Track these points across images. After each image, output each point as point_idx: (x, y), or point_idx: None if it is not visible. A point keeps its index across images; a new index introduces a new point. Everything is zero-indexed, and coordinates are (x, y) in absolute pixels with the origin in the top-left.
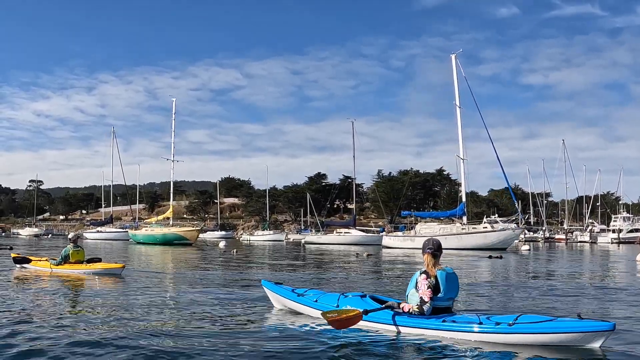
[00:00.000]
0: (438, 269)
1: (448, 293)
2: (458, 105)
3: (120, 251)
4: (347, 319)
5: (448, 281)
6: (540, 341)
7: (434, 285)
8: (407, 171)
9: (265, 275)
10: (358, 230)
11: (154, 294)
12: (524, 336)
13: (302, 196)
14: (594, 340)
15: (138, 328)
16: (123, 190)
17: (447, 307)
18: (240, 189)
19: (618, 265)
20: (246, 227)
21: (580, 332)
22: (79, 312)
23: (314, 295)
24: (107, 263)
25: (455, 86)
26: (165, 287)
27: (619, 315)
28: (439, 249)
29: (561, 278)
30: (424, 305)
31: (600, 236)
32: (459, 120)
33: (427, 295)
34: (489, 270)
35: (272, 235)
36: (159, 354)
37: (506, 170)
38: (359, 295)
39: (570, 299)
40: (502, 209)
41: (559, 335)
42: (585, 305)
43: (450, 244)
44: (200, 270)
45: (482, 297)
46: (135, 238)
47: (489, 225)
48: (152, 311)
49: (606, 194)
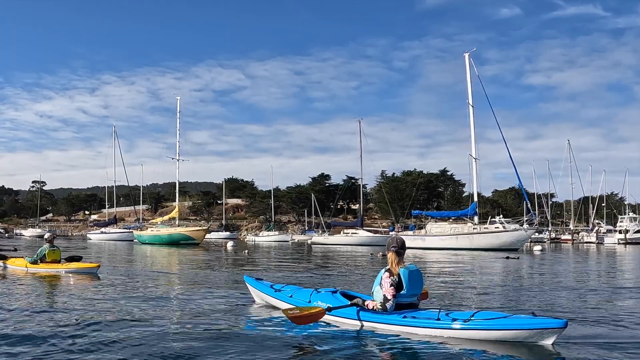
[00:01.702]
0: (401, 267)
1: (411, 290)
2: (471, 104)
3: (125, 252)
4: (308, 316)
5: (411, 278)
6: (494, 337)
7: (397, 282)
8: (411, 172)
9: (282, 276)
10: (365, 230)
11: (167, 294)
12: (478, 332)
13: (306, 197)
14: (546, 337)
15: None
16: (126, 191)
17: (412, 303)
18: (243, 190)
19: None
20: (250, 228)
21: (533, 329)
22: (51, 308)
23: (290, 290)
24: (84, 262)
25: (468, 85)
26: (183, 289)
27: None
28: (403, 247)
29: (594, 279)
30: (387, 302)
31: (606, 237)
32: (471, 119)
33: (389, 292)
34: (513, 270)
35: (278, 236)
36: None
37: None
38: (330, 290)
39: (601, 299)
40: (506, 209)
41: (512, 331)
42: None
43: (462, 244)
44: (218, 272)
45: (512, 299)
46: (141, 239)
47: (501, 225)
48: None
49: (610, 194)
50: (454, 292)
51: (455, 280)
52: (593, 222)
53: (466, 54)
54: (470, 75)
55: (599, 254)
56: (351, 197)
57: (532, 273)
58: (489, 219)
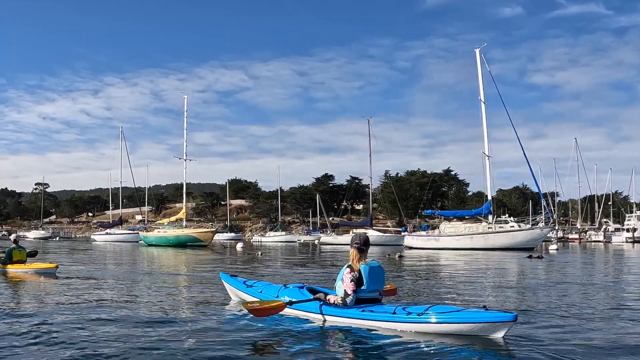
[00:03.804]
0: (362, 264)
1: (372, 285)
2: (483, 100)
3: (131, 253)
4: (268, 309)
5: (371, 274)
6: (446, 330)
7: (358, 278)
8: (415, 172)
9: (303, 276)
10: (375, 230)
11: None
12: (431, 325)
13: (310, 197)
14: (496, 330)
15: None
16: (130, 193)
17: (373, 298)
18: (247, 191)
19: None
20: (254, 229)
21: (483, 323)
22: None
23: (261, 286)
24: (42, 263)
25: (479, 81)
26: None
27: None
28: (366, 244)
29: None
30: (347, 297)
31: (614, 235)
32: (483, 116)
33: (350, 288)
34: (542, 271)
35: (285, 237)
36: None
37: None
38: (298, 286)
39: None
40: (511, 208)
41: (464, 325)
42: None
43: (477, 244)
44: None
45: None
46: (147, 240)
47: (516, 224)
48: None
49: (614, 193)
50: (504, 297)
51: (498, 283)
52: (600, 221)
53: (477, 50)
54: (482, 71)
55: (615, 253)
56: (355, 197)
57: (566, 274)
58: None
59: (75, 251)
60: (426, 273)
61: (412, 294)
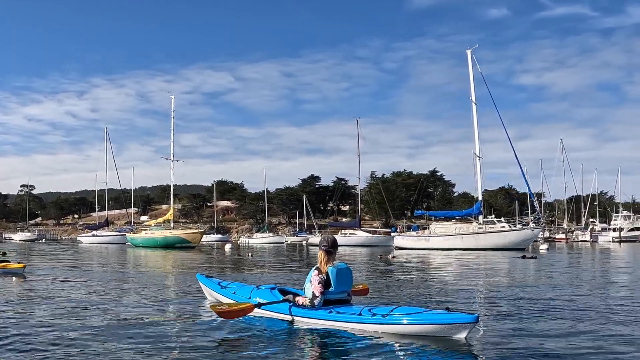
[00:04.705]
0: (330, 266)
1: (339, 287)
2: (474, 101)
3: (119, 255)
4: (237, 311)
5: (339, 276)
6: (409, 331)
7: (325, 280)
8: (401, 172)
9: (297, 278)
10: (363, 231)
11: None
12: (395, 326)
13: (297, 198)
14: (459, 331)
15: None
16: (116, 194)
17: (341, 299)
18: (233, 192)
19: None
20: (240, 230)
21: (446, 324)
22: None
23: (235, 287)
24: (9, 263)
25: (471, 82)
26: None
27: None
28: (334, 246)
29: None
30: (315, 299)
31: (601, 235)
32: (474, 116)
33: (317, 289)
34: (537, 271)
35: (272, 238)
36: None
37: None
38: (269, 287)
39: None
40: (497, 209)
41: (426, 326)
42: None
43: (468, 244)
44: (235, 274)
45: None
46: (134, 242)
47: (507, 224)
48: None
49: (600, 193)
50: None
51: (491, 284)
52: (587, 221)
53: (468, 51)
54: (473, 72)
55: (604, 252)
56: (341, 198)
57: (562, 273)
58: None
59: (62, 253)
60: (421, 274)
61: (397, 294)
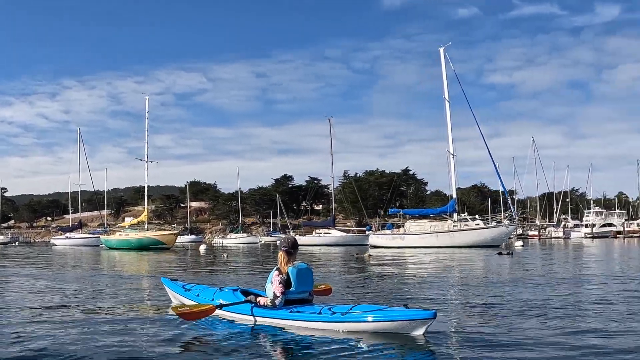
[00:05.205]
0: (290, 266)
1: (300, 287)
2: (447, 99)
3: (92, 258)
4: (198, 312)
5: (299, 276)
6: (368, 328)
7: (286, 280)
8: (373, 172)
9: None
10: (338, 230)
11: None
12: (354, 324)
13: (270, 198)
14: (417, 327)
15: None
16: (89, 196)
17: (303, 299)
18: (206, 193)
19: (634, 257)
20: (214, 231)
21: (404, 320)
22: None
23: (198, 290)
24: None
25: (444, 80)
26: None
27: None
28: (294, 246)
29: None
30: (276, 299)
31: (573, 231)
32: (448, 114)
33: (278, 290)
34: (513, 267)
35: (246, 238)
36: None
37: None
38: (232, 289)
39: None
40: (470, 207)
41: (385, 323)
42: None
43: (443, 242)
44: (213, 275)
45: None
46: (108, 244)
47: (482, 222)
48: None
49: (572, 190)
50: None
51: (466, 281)
52: (559, 218)
53: (441, 49)
54: (446, 70)
55: (577, 248)
56: (314, 198)
57: (538, 269)
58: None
59: (35, 256)
60: (396, 272)
61: (368, 292)
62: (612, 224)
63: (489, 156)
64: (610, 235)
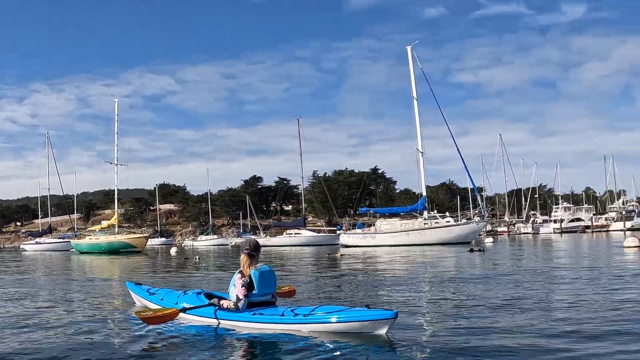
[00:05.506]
0: (253, 269)
1: (262, 289)
2: (415, 97)
3: (63, 262)
4: (161, 316)
5: (262, 279)
6: (330, 329)
7: (249, 283)
8: (343, 171)
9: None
10: (308, 230)
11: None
12: (316, 325)
13: (240, 200)
14: (379, 327)
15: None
16: (58, 200)
17: (266, 301)
18: (175, 195)
19: (605, 251)
20: (184, 233)
21: (366, 321)
22: None
23: (162, 293)
24: None
25: (412, 78)
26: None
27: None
28: (256, 249)
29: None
30: (239, 302)
31: (542, 227)
32: (416, 113)
33: (241, 293)
34: (485, 263)
35: (217, 240)
36: None
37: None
38: (196, 292)
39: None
40: (439, 204)
41: (347, 323)
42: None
43: (414, 240)
44: (189, 279)
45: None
46: (79, 248)
47: (452, 219)
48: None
49: (539, 186)
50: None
51: (439, 279)
52: (528, 213)
53: (408, 47)
54: (414, 68)
55: (547, 243)
56: (284, 198)
57: (509, 265)
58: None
59: (4, 262)
60: (366, 271)
61: (335, 293)
62: (580, 219)
63: (458, 154)
64: (578, 229)
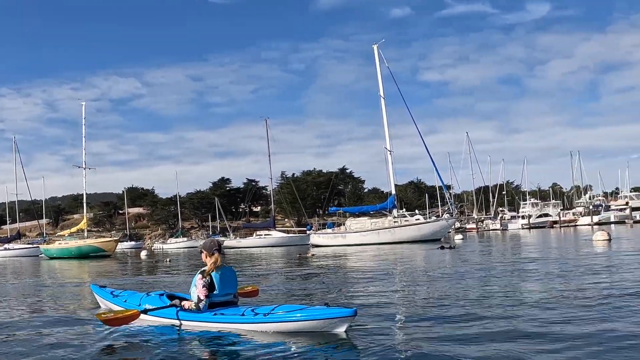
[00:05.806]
0: (214, 271)
1: (223, 290)
2: (382, 96)
3: (32, 268)
4: (122, 318)
5: (222, 279)
6: (290, 328)
7: (209, 283)
8: (311, 171)
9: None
10: (278, 231)
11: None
12: (276, 324)
13: (208, 202)
14: (338, 325)
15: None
16: (26, 206)
17: (227, 301)
18: (144, 199)
19: (574, 245)
20: (153, 236)
21: (324, 319)
22: None
23: (126, 295)
24: None
25: (378, 77)
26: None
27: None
28: (218, 249)
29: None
30: (200, 302)
31: (510, 223)
32: (384, 111)
33: (202, 293)
34: (454, 260)
35: (186, 242)
36: None
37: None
38: (159, 293)
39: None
40: (407, 203)
41: (306, 322)
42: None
43: (384, 239)
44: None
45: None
46: (48, 253)
47: (422, 217)
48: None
49: (507, 183)
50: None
51: (410, 277)
52: (496, 210)
53: (375, 46)
54: (380, 67)
55: (515, 239)
56: (253, 199)
57: (480, 262)
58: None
59: None
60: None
61: (301, 292)
62: (548, 215)
63: (426, 152)
64: (546, 225)
